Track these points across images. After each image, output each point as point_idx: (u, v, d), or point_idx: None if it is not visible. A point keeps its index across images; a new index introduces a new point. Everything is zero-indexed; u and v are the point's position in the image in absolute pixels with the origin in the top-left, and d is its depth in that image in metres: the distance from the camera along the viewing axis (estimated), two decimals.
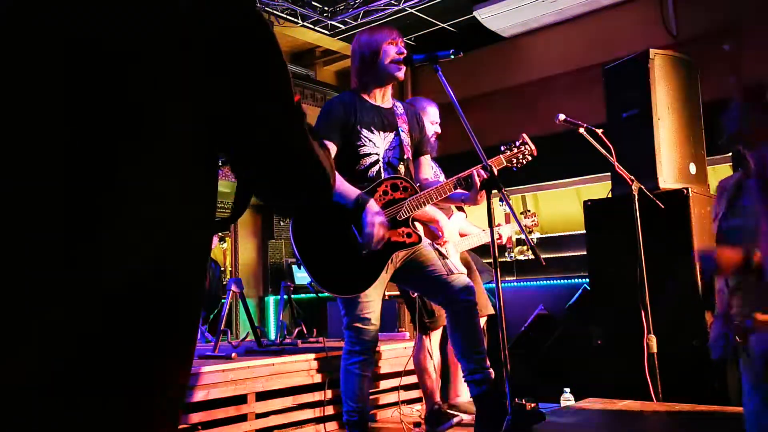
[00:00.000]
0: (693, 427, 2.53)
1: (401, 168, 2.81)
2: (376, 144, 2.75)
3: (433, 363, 3.40)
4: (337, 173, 2.65)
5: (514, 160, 2.73)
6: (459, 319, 2.70)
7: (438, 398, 3.42)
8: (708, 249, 2.28)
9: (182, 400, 0.85)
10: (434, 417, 3.35)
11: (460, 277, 2.74)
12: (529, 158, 2.74)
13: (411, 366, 3.74)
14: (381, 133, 2.77)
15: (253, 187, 0.98)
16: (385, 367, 3.91)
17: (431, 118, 3.54)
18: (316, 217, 2.69)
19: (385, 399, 3.93)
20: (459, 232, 3.73)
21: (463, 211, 3.81)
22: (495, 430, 2.45)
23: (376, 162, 2.74)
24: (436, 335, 3.47)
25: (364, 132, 2.72)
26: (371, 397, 3.57)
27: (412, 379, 4.07)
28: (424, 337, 3.42)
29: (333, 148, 2.69)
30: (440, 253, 2.82)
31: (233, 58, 0.84)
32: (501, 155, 2.73)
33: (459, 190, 2.66)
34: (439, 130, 3.59)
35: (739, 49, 5.26)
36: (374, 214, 2.57)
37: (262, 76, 0.88)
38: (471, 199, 2.64)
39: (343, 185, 2.64)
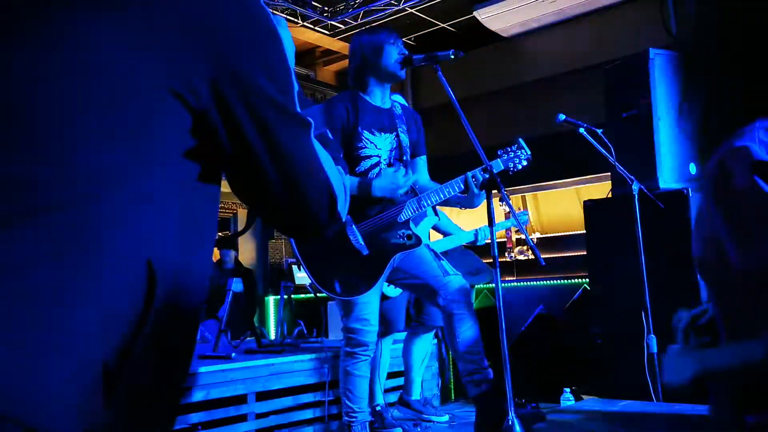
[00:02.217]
0: (693, 427, 2.53)
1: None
2: (377, 145, 2.74)
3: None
4: None
5: (511, 165, 2.73)
6: (455, 320, 2.69)
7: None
8: None
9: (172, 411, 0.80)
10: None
11: (456, 278, 2.74)
12: (525, 162, 2.75)
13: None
14: (381, 134, 2.76)
15: (251, 207, 0.88)
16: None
17: None
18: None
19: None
20: (440, 230, 3.80)
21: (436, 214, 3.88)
22: (494, 430, 2.45)
23: (377, 164, 2.74)
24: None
25: (365, 134, 2.72)
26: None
27: None
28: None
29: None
30: (436, 254, 2.82)
31: (220, 44, 0.75)
32: (498, 159, 2.73)
33: (456, 194, 2.68)
34: None
35: None
36: (384, 179, 2.59)
37: (253, 70, 0.78)
38: (467, 202, 2.65)
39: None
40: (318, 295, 5.13)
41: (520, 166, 2.75)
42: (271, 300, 7.39)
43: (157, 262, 0.72)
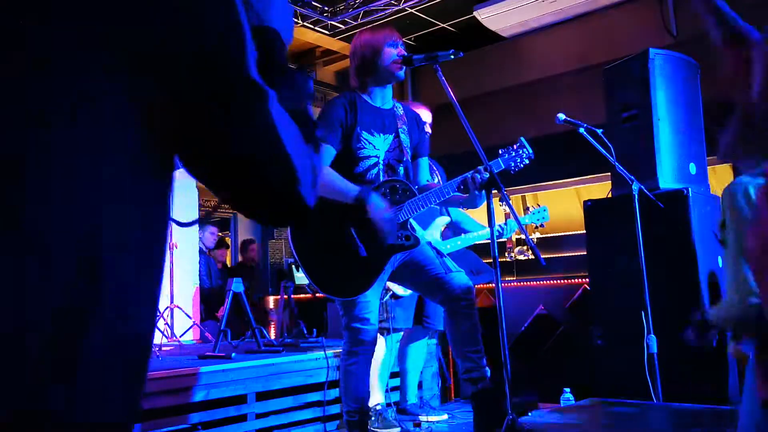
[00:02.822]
0: (693, 427, 2.53)
1: (401, 170, 2.81)
2: (376, 146, 2.74)
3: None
4: (333, 172, 2.65)
5: (512, 164, 2.73)
6: (458, 318, 2.69)
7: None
8: None
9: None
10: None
11: (459, 275, 2.73)
12: (527, 162, 2.75)
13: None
14: (381, 135, 2.76)
15: (209, 188, 0.80)
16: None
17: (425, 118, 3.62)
18: (314, 217, 2.69)
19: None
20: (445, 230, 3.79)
21: (449, 214, 3.83)
22: (491, 430, 2.46)
23: (376, 164, 2.74)
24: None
25: (364, 134, 2.72)
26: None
27: None
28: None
29: (331, 151, 2.68)
30: (438, 252, 2.82)
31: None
32: (499, 158, 2.73)
33: (457, 194, 2.67)
34: (428, 131, 3.66)
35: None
36: (382, 210, 2.58)
37: (205, 45, 0.71)
38: (469, 202, 2.64)
39: (341, 183, 2.63)
40: (316, 295, 5.13)
41: (522, 165, 2.74)
42: (271, 300, 7.38)
43: (103, 248, 0.68)
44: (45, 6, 0.68)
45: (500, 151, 2.75)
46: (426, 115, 3.66)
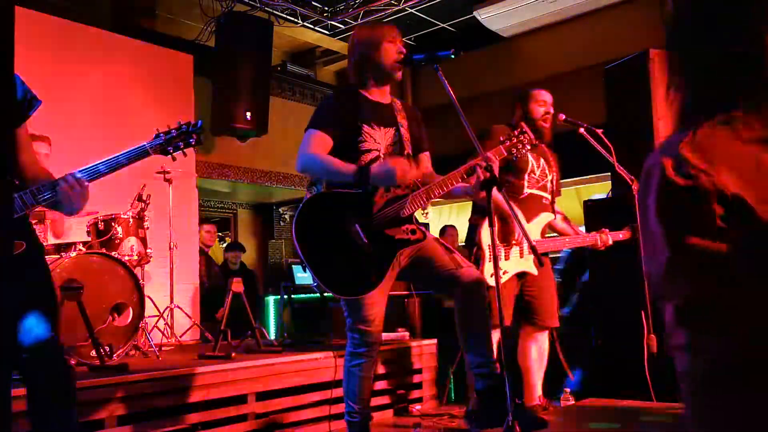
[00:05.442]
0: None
1: None
2: (377, 139, 2.73)
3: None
4: (327, 155, 2.64)
5: (514, 150, 2.72)
6: (469, 313, 2.67)
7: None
8: None
9: None
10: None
11: (470, 269, 2.71)
12: (528, 147, 2.74)
13: (417, 365, 3.73)
14: (381, 128, 2.75)
15: None
16: (387, 368, 3.91)
17: (541, 97, 3.49)
18: (320, 214, 2.67)
19: (386, 399, 3.92)
20: (556, 229, 3.60)
21: (561, 213, 3.64)
22: (493, 426, 2.45)
23: (377, 158, 2.72)
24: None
25: (365, 127, 2.70)
26: (373, 396, 3.57)
27: (414, 379, 4.07)
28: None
29: (329, 142, 2.66)
30: (446, 248, 2.80)
31: None
32: (501, 145, 2.72)
33: (461, 185, 2.65)
34: (551, 110, 3.47)
35: None
36: (384, 165, 2.57)
37: None
38: (473, 193, 2.62)
39: (337, 162, 2.62)
40: (324, 295, 5.12)
41: (523, 150, 2.74)
42: (271, 300, 7.39)
43: None
44: None
45: (501, 138, 2.74)
46: (546, 96, 3.53)
